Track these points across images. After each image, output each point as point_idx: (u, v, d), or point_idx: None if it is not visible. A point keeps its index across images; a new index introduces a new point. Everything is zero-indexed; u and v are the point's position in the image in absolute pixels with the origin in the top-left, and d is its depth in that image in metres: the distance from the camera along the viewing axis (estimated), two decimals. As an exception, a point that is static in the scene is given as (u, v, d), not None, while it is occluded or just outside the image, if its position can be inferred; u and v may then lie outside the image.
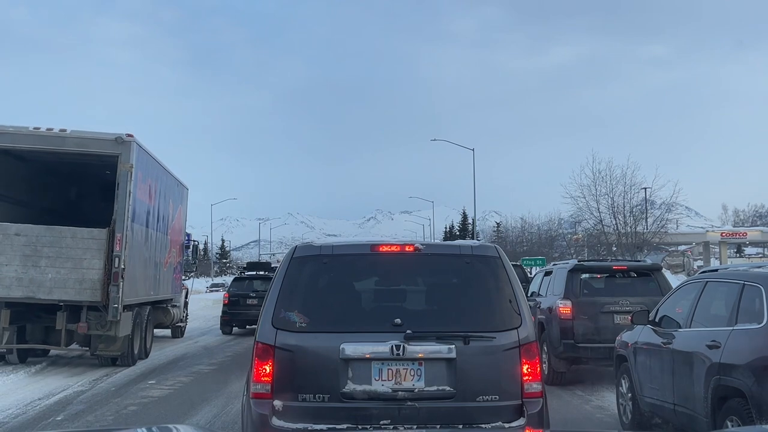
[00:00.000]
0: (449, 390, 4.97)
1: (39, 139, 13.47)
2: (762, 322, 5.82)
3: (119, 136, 13.34)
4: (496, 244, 5.98)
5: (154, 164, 15.47)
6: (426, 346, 4.98)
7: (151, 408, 9.80)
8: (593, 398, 10.48)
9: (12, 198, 14.73)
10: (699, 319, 7.00)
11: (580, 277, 12.07)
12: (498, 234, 73.85)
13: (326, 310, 5.25)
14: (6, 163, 14.13)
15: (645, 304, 9.85)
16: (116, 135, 13.37)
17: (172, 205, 17.83)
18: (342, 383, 4.94)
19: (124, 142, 13.33)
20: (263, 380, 5.00)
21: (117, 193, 13.19)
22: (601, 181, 40.24)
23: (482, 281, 5.35)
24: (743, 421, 5.67)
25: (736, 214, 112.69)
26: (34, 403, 9.95)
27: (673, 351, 7.10)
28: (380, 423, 4.88)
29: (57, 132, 13.51)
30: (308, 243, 5.55)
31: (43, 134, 13.47)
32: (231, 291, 22.96)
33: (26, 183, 15.41)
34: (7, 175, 14.36)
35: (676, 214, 48.76)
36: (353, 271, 5.50)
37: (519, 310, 5.18)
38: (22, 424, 8.81)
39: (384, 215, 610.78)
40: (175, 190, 18.40)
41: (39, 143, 13.51)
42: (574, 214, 47.52)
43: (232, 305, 22.27)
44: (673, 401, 7.06)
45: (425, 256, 5.42)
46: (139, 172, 13.82)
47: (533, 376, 5.08)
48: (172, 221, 18.11)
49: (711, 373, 6.21)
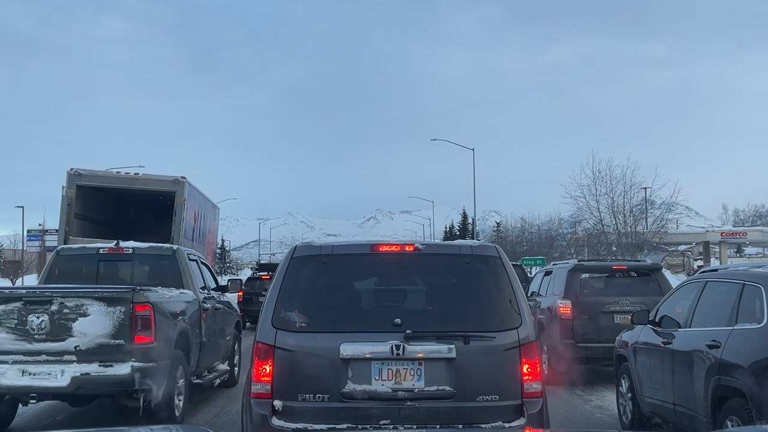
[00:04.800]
0: (449, 390, 4.97)
1: (119, 180, 19.50)
2: (762, 322, 5.82)
3: (176, 179, 19.05)
4: (496, 244, 5.98)
5: (198, 195, 21.42)
6: (426, 346, 4.97)
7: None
8: (593, 398, 10.47)
9: (96, 219, 19.75)
10: (699, 319, 6.99)
11: (580, 277, 12.07)
12: (498, 234, 73.80)
13: (326, 310, 5.25)
14: (94, 195, 19.34)
15: (645, 304, 9.83)
16: (174, 177, 19.13)
17: (208, 223, 23.54)
18: (342, 383, 4.94)
19: (179, 182, 18.95)
20: (263, 380, 5.00)
21: (174, 219, 18.61)
22: (601, 180, 40.21)
23: (482, 281, 5.35)
24: (743, 421, 5.67)
25: (736, 214, 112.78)
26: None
27: (673, 351, 7.10)
28: (380, 423, 4.88)
29: (132, 175, 19.74)
30: (308, 243, 5.55)
31: (122, 177, 19.63)
32: (245, 289, 24.37)
33: (107, 209, 20.43)
34: (94, 203, 19.50)
35: (676, 214, 48.81)
36: (353, 271, 5.49)
37: (519, 310, 5.18)
38: (22, 424, 8.81)
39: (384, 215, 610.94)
40: (211, 211, 24.47)
41: (119, 183, 19.43)
42: (574, 214, 47.52)
43: (246, 302, 23.60)
44: (673, 401, 7.06)
45: (425, 256, 5.42)
46: (189, 202, 19.16)
47: (533, 376, 5.08)
48: (208, 235, 23.85)
49: (711, 373, 6.21)
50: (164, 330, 8.06)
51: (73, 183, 18.65)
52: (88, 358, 7.50)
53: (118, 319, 7.57)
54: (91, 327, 7.54)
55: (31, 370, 7.45)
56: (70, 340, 7.51)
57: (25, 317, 7.53)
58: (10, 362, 7.47)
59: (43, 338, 7.52)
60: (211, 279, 11.30)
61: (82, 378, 7.44)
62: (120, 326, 7.56)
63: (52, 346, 7.51)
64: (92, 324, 7.55)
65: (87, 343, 7.51)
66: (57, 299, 7.60)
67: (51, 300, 7.61)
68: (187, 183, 19.10)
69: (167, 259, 9.95)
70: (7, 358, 7.48)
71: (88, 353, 7.51)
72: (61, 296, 7.64)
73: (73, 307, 7.55)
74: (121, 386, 7.58)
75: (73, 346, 7.50)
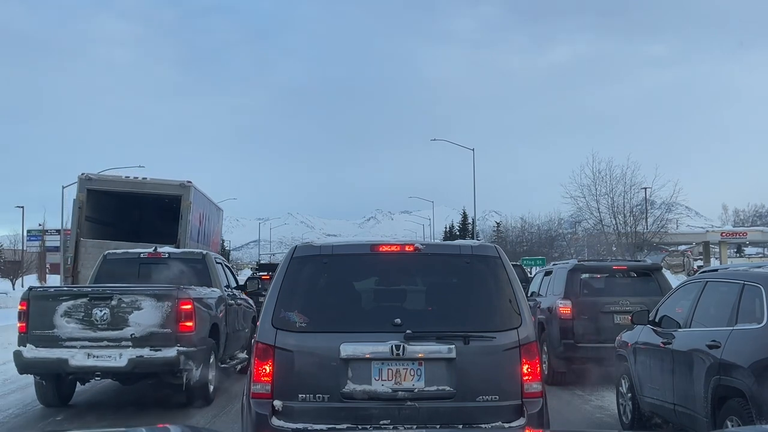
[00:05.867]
0: (449, 390, 4.97)
1: (128, 184, 20.12)
2: (762, 322, 5.82)
3: (182, 183, 19.66)
4: (496, 244, 5.97)
5: (203, 198, 22.16)
6: (426, 346, 4.97)
7: (151, 407, 9.80)
8: (593, 398, 10.47)
9: (106, 221, 20.49)
10: (699, 319, 6.99)
11: (580, 277, 12.06)
12: (498, 234, 73.81)
13: (326, 310, 5.25)
14: (104, 199, 20.04)
15: (645, 304, 9.83)
16: (180, 182, 19.75)
17: (212, 225, 24.41)
18: (342, 383, 4.94)
19: (185, 187, 19.56)
20: (263, 380, 5.00)
21: (180, 221, 19.21)
22: (601, 180, 40.30)
23: (482, 281, 5.35)
24: (743, 421, 5.68)
25: (736, 214, 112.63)
26: (35, 403, 9.94)
27: (673, 351, 7.10)
28: (380, 423, 4.88)
29: (140, 179, 20.30)
30: (308, 243, 5.55)
31: (131, 181, 20.20)
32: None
33: (116, 211, 21.24)
34: (103, 206, 20.18)
35: (676, 214, 48.87)
36: (353, 271, 5.49)
37: (519, 310, 5.18)
38: (22, 424, 8.82)
39: (384, 215, 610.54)
40: (215, 213, 25.39)
41: (127, 187, 20.09)
42: (574, 214, 47.64)
43: None
44: (673, 401, 7.06)
45: (425, 256, 5.42)
46: (194, 205, 19.85)
47: (533, 376, 5.08)
48: (212, 236, 24.71)
49: (711, 373, 6.21)
50: (201, 321, 9.53)
51: (84, 187, 19.40)
52: (141, 344, 8.95)
53: (166, 312, 9.04)
54: (144, 318, 9.01)
55: (95, 354, 8.93)
56: (127, 329, 8.97)
57: (90, 310, 9.02)
58: (79, 347, 8.93)
59: (104, 327, 9.00)
60: (233, 279, 12.79)
61: (137, 360, 8.87)
62: (167, 318, 9.04)
63: (112, 334, 8.97)
64: (145, 316, 9.02)
65: (141, 332, 8.96)
66: (116, 296, 9.07)
67: (111, 296, 9.08)
68: (193, 187, 19.89)
69: (198, 263, 11.49)
70: (76, 343, 8.95)
71: (142, 340, 8.95)
72: (119, 293, 9.12)
73: (129, 302, 9.04)
74: (168, 367, 9.00)
75: (129, 333, 8.96)
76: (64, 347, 8.92)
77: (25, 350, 8.97)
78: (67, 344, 8.94)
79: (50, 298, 9.29)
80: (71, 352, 8.87)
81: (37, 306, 9.15)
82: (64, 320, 9.01)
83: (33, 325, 9.08)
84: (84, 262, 18.72)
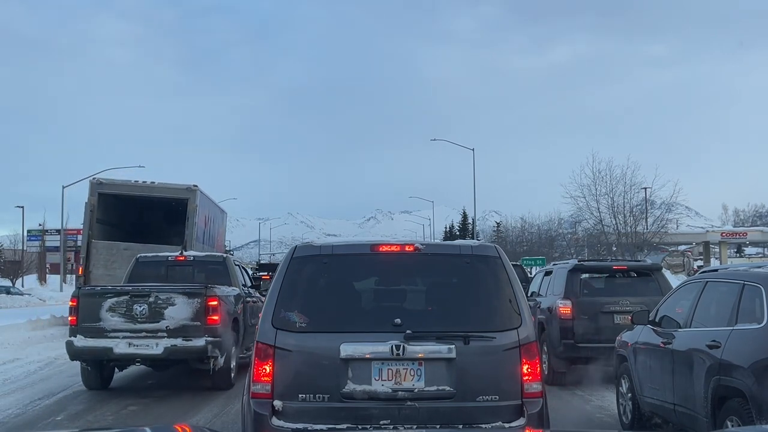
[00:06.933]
0: (449, 390, 4.97)
1: (136, 188, 21.11)
2: (762, 322, 5.82)
3: (189, 187, 20.60)
4: (496, 244, 5.97)
5: (208, 201, 23.17)
6: (426, 346, 4.97)
7: (152, 407, 9.80)
8: (593, 398, 10.47)
9: (116, 224, 21.49)
10: (699, 319, 6.99)
11: (580, 277, 12.06)
12: (498, 234, 73.88)
13: (326, 310, 5.25)
14: (114, 202, 21.04)
15: (645, 304, 9.83)
16: (186, 186, 20.70)
17: (216, 227, 25.60)
18: (342, 383, 4.94)
19: (191, 190, 20.48)
20: (263, 380, 5.00)
21: (187, 223, 20.08)
22: (601, 180, 40.32)
23: (482, 281, 5.35)
24: (743, 421, 5.67)
25: (736, 214, 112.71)
26: (34, 403, 9.95)
27: (673, 351, 7.09)
28: (380, 423, 4.88)
29: (149, 184, 21.22)
30: (308, 243, 5.55)
31: (139, 185, 21.20)
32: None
33: (125, 214, 22.20)
34: (111, 208, 21.05)
35: (676, 214, 48.90)
36: (353, 271, 5.49)
37: (519, 310, 5.18)
38: (22, 424, 8.82)
39: (384, 215, 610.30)
40: (219, 215, 26.72)
41: (136, 191, 21.06)
42: (574, 214, 47.65)
43: None
44: (673, 401, 7.05)
45: (425, 256, 5.42)
46: (200, 208, 20.77)
47: (533, 376, 5.08)
48: (216, 237, 25.85)
49: (711, 373, 6.21)
50: (225, 316, 10.89)
51: (95, 191, 20.31)
52: (175, 334, 10.30)
53: (196, 307, 10.39)
54: (177, 312, 10.35)
55: (135, 343, 10.28)
56: (163, 321, 10.33)
57: (131, 305, 10.35)
58: (121, 337, 10.27)
59: (143, 320, 10.32)
60: (248, 279, 14.35)
61: (171, 348, 10.26)
62: (197, 312, 10.37)
63: (150, 326, 10.30)
64: (178, 310, 10.36)
65: (174, 324, 10.32)
66: (153, 293, 10.42)
67: (149, 294, 10.41)
68: (199, 191, 20.71)
69: (219, 265, 13.09)
70: (119, 334, 10.29)
71: (175, 331, 10.30)
72: (156, 291, 10.49)
73: (164, 299, 10.38)
74: (198, 354, 10.37)
75: (165, 326, 10.32)
76: (109, 337, 10.24)
77: (76, 340, 10.33)
78: (111, 335, 10.24)
79: (97, 295, 10.63)
80: (115, 341, 10.20)
81: (86, 302, 10.50)
82: (109, 314, 10.32)
83: (82, 318, 10.41)
84: (95, 262, 19.90)
